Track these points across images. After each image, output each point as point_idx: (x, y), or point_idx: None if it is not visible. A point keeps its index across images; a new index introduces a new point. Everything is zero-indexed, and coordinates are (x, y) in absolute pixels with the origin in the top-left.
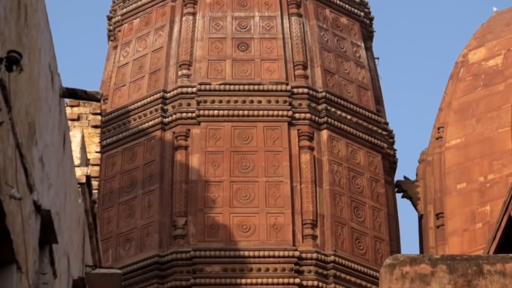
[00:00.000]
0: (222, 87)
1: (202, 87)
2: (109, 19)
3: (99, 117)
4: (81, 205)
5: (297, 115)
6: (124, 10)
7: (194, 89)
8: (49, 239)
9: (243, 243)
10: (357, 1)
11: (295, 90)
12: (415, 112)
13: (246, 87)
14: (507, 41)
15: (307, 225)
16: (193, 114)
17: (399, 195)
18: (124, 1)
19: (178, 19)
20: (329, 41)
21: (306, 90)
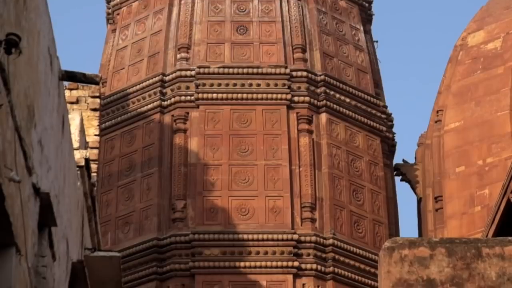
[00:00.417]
0: (221, 70)
1: (201, 70)
2: (108, 2)
3: (98, 100)
4: (80, 188)
5: (296, 98)
6: None
7: (193, 72)
8: (48, 222)
9: (242, 226)
10: None
11: (294, 74)
12: (414, 95)
13: (245, 70)
14: (506, 24)
15: (306, 208)
16: (192, 97)
17: (398, 178)
18: None
19: (177, 2)
20: (328, 24)
21: (305, 73)
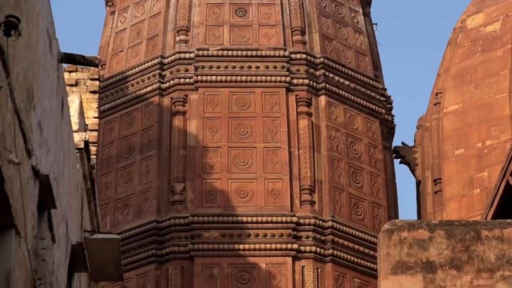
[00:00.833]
0: (220, 52)
1: (200, 52)
2: None
3: (97, 83)
4: (79, 171)
5: (295, 81)
6: None
7: (192, 55)
8: (47, 204)
9: (241, 208)
10: None
11: (293, 56)
12: (413, 78)
13: (244, 52)
14: (505, 6)
15: (305, 190)
16: (191, 80)
17: (397, 161)
18: None
19: None
20: (327, 6)
21: (304, 56)
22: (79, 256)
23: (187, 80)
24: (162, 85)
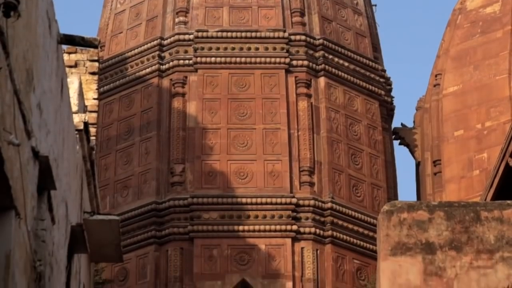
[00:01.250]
0: (219, 34)
1: (199, 34)
2: None
3: (96, 64)
4: (79, 152)
5: (294, 62)
6: None
7: (191, 36)
8: (47, 185)
9: (240, 190)
10: None
11: (292, 37)
12: (413, 59)
13: (243, 34)
14: None
15: (305, 172)
16: (190, 61)
17: (396, 142)
18: None
19: None
20: None
21: (303, 37)
22: (78, 237)
23: (187, 61)
24: (161, 66)
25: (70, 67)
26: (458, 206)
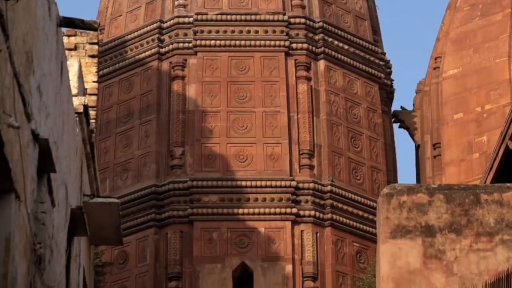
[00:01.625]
0: (219, 17)
1: (199, 17)
2: None
3: (96, 47)
4: (78, 135)
5: (294, 45)
6: None
7: (191, 19)
8: (47, 168)
9: (240, 173)
10: None
11: (292, 20)
12: (413, 42)
13: (243, 17)
14: None
15: (304, 155)
16: (190, 44)
17: (396, 125)
18: None
19: None
20: None
21: (303, 20)
22: (78, 220)
23: (186, 44)
24: (161, 49)
25: (70, 50)
26: (458, 189)
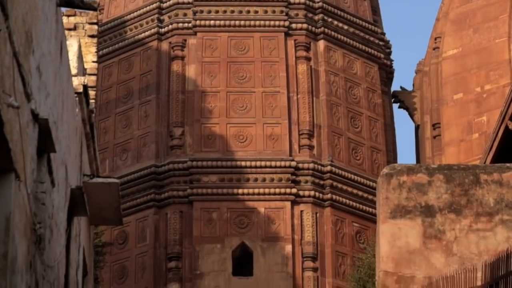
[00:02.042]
0: None
1: None
2: None
3: (95, 27)
4: (78, 115)
5: (293, 26)
6: None
7: None
8: (47, 148)
9: (240, 153)
10: None
11: (291, 0)
12: (412, 22)
13: None
14: None
15: (304, 135)
16: (190, 25)
17: (395, 105)
18: None
19: None
20: None
21: (302, 0)
22: (78, 200)
23: (186, 24)
24: (160, 29)
25: (69, 30)
26: (458, 169)
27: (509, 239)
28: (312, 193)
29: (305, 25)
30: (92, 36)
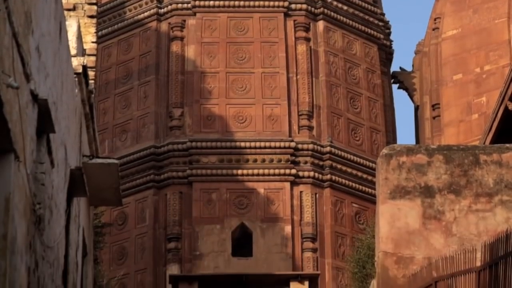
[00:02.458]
0: None
1: None
2: None
3: (95, 7)
4: (77, 95)
5: (293, 6)
6: None
7: None
8: (46, 128)
9: (239, 134)
10: None
11: None
12: (412, 2)
13: None
14: None
15: (303, 116)
16: (189, 5)
17: (395, 86)
18: None
19: None
20: None
21: None
22: (78, 181)
23: (185, 5)
24: (159, 10)
25: (69, 10)
26: (457, 149)
27: (509, 219)
28: (312, 173)
29: (304, 6)
30: (92, 17)
